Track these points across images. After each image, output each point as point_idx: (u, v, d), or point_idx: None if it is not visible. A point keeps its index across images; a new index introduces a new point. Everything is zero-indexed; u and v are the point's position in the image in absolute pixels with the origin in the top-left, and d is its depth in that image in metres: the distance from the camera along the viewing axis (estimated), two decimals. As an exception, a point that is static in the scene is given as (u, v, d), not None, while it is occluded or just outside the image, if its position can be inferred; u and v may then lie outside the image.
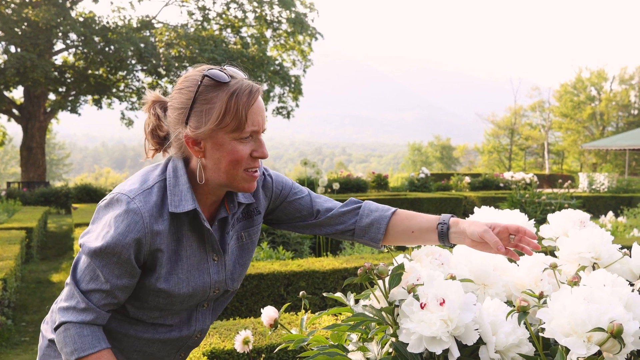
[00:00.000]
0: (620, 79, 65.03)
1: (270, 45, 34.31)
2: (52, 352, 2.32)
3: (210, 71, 2.09)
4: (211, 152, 2.12)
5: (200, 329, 2.40)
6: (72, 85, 30.55)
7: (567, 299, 1.59)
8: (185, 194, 2.14)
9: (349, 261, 7.39)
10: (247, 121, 2.08)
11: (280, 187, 2.47)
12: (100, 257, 2.06)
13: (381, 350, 1.97)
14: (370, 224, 2.42)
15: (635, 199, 23.75)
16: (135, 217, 2.05)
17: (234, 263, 2.36)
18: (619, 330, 1.47)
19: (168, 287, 2.17)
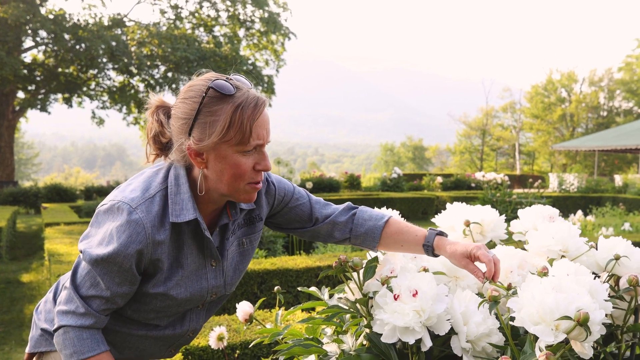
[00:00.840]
0: (590, 81, 65.52)
1: (243, 45, 34.22)
2: (44, 341, 2.34)
3: (215, 82, 2.06)
4: (214, 163, 2.10)
5: (194, 328, 2.41)
6: (41, 83, 30.21)
7: (536, 288, 1.64)
8: (186, 203, 2.13)
9: (322, 259, 7.41)
10: (252, 135, 2.04)
11: (282, 194, 2.47)
12: (102, 265, 2.06)
13: (355, 342, 2.00)
14: (365, 233, 2.41)
15: (604, 198, 23.98)
16: (137, 228, 2.04)
17: (234, 269, 2.37)
18: (586, 319, 1.52)
19: (167, 292, 2.18)
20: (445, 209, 2.46)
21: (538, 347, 1.59)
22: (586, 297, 1.61)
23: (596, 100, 64.10)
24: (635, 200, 22.13)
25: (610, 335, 1.98)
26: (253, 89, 2.13)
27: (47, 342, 2.32)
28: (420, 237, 2.27)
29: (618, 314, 1.99)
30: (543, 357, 1.48)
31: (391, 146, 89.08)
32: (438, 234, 2.23)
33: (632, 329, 1.92)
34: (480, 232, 2.37)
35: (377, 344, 1.83)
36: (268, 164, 2.13)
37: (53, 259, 7.55)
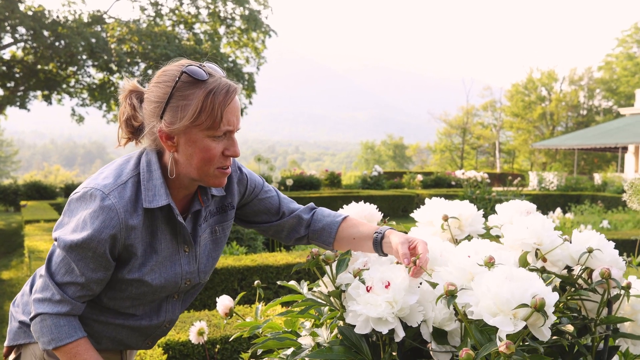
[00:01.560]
0: (570, 80, 65.81)
1: (224, 42, 34.09)
2: (23, 333, 2.35)
3: (188, 67, 2.11)
4: (184, 147, 2.13)
5: (170, 319, 2.43)
6: (20, 80, 29.97)
7: (489, 280, 1.66)
8: (159, 189, 2.17)
9: (302, 256, 7.43)
10: (222, 120, 2.09)
11: (253, 185, 2.50)
12: (76, 251, 2.08)
13: (330, 335, 2.02)
14: (322, 228, 2.48)
15: (583, 196, 24.14)
16: (110, 213, 2.07)
17: (207, 256, 2.40)
18: (542, 304, 1.54)
19: (141, 278, 2.21)
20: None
21: (498, 337, 1.61)
22: (539, 282, 1.65)
23: (576, 99, 64.39)
24: (614, 198, 22.29)
25: (584, 328, 2.01)
26: (225, 77, 2.18)
27: (26, 335, 2.34)
28: (372, 229, 2.31)
29: (591, 307, 2.02)
30: (504, 346, 1.50)
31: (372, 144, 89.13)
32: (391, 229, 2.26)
33: (605, 321, 1.94)
34: (459, 227, 2.39)
35: (348, 337, 1.85)
36: (237, 150, 2.18)
37: (33, 255, 7.54)
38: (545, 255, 2.04)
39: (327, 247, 2.48)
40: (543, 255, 2.04)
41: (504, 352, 1.49)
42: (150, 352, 3.98)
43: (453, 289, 1.68)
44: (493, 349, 1.58)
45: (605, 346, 1.99)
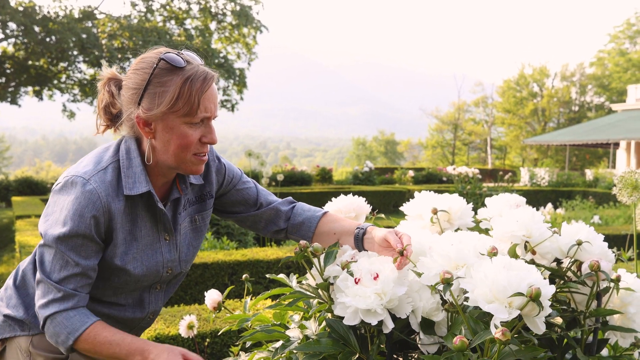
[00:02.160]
0: (562, 76, 65.91)
1: (215, 38, 34.02)
2: (8, 327, 2.35)
3: (167, 54, 2.12)
4: (161, 134, 2.16)
5: (153, 310, 2.45)
6: (11, 76, 29.90)
7: (488, 268, 1.67)
8: (138, 175, 2.18)
9: (292, 251, 7.42)
10: (200, 107, 2.11)
11: (231, 175, 2.53)
12: (66, 241, 2.08)
13: (318, 327, 2.02)
14: (302, 222, 2.50)
15: (574, 192, 24.22)
16: (92, 197, 2.09)
17: (187, 245, 2.43)
18: (538, 294, 1.55)
19: (123, 266, 2.22)
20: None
21: (493, 324, 1.61)
22: (537, 273, 1.66)
23: (568, 95, 64.51)
24: (605, 194, 22.35)
25: (573, 321, 2.00)
26: (203, 64, 2.21)
27: (11, 328, 2.33)
28: (354, 225, 2.33)
29: (580, 299, 2.02)
30: (499, 333, 1.49)
31: (363, 140, 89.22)
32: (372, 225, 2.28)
33: (594, 313, 1.94)
34: (448, 220, 2.39)
35: (335, 329, 1.85)
36: (214, 137, 2.22)
37: (24, 250, 7.52)
38: (534, 248, 2.04)
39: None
40: (532, 248, 2.04)
41: (499, 338, 1.49)
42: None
43: (449, 277, 1.67)
44: (488, 336, 1.58)
45: (594, 339, 1.99)
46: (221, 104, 33.57)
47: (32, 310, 2.30)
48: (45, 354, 2.29)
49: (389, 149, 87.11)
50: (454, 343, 1.55)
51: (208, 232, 9.45)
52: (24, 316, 2.32)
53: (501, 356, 1.61)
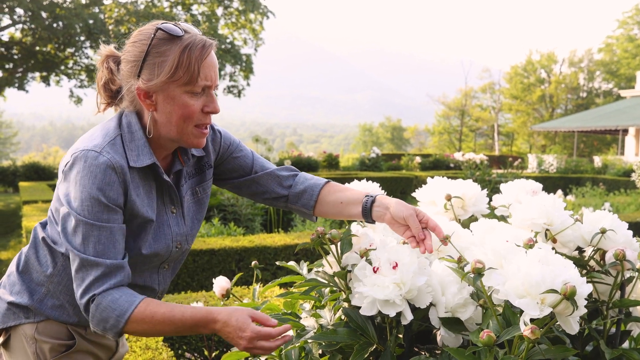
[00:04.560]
0: (570, 62, 65.69)
1: (222, 24, 33.97)
2: (12, 315, 2.31)
3: (164, 24, 2.11)
4: (163, 105, 2.12)
5: (163, 289, 2.42)
6: (19, 61, 29.96)
7: (521, 261, 1.59)
8: (142, 148, 2.15)
9: (300, 237, 7.38)
10: (200, 75, 2.07)
11: (228, 143, 2.50)
12: (88, 212, 2.03)
13: (334, 317, 1.96)
14: (304, 190, 2.45)
15: (583, 179, 24.13)
16: (107, 165, 2.04)
17: (191, 218, 2.39)
18: (573, 292, 1.48)
19: (134, 242, 2.18)
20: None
21: (523, 321, 1.54)
22: (573, 270, 1.58)
23: (576, 81, 64.31)
24: (615, 181, 22.27)
25: (596, 311, 1.94)
26: (201, 34, 2.18)
27: (15, 316, 2.29)
28: (361, 194, 2.28)
29: (604, 289, 1.96)
30: (528, 331, 1.43)
31: (370, 126, 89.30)
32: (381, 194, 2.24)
33: (618, 304, 1.88)
34: (462, 207, 2.34)
35: (354, 319, 1.79)
36: (216, 106, 2.18)
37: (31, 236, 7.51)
38: (555, 236, 1.99)
39: (307, 212, 2.45)
40: (553, 236, 1.99)
41: (528, 336, 1.42)
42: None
43: (480, 267, 1.60)
44: (516, 332, 1.51)
45: (617, 330, 1.94)
46: (228, 90, 33.58)
47: (37, 296, 2.27)
48: (51, 340, 2.26)
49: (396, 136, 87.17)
50: (480, 337, 1.48)
51: (215, 218, 9.43)
52: (28, 302, 2.27)
53: (529, 355, 1.54)
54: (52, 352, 2.26)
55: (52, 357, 2.26)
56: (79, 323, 2.28)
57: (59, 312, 2.26)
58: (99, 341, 2.39)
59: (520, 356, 1.52)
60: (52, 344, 2.26)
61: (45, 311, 2.24)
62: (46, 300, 2.26)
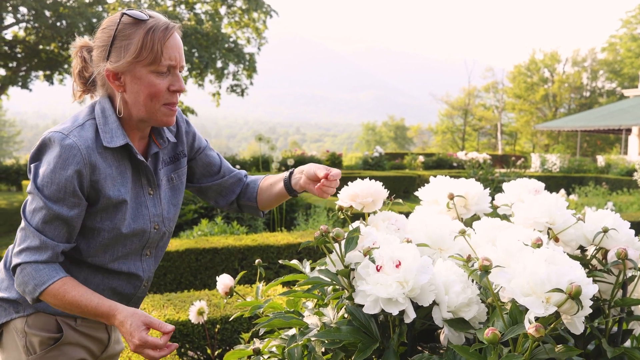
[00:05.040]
0: (573, 61, 65.65)
1: (225, 22, 33.99)
2: (3, 311, 2.42)
3: (128, 10, 2.26)
4: (130, 85, 2.26)
5: (147, 277, 2.54)
6: (22, 60, 30.00)
7: (528, 260, 1.60)
8: (115, 130, 2.28)
9: (303, 236, 7.40)
10: (163, 55, 2.22)
11: (199, 142, 2.67)
12: (48, 194, 2.17)
13: (337, 315, 1.97)
14: (248, 184, 2.74)
15: (586, 178, 24.11)
16: (72, 150, 2.16)
17: (168, 203, 2.52)
18: (578, 292, 1.48)
19: (111, 222, 2.31)
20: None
21: (527, 319, 1.55)
22: (579, 270, 1.58)
23: (579, 80, 64.25)
24: (618, 181, 22.25)
25: (597, 310, 1.95)
26: (167, 19, 2.33)
27: (6, 312, 2.41)
28: (287, 173, 2.59)
29: (605, 288, 1.96)
30: (533, 329, 1.43)
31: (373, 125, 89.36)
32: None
33: (620, 303, 1.88)
34: (465, 206, 2.34)
35: (357, 317, 1.80)
36: (182, 85, 2.31)
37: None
38: (557, 235, 1.99)
39: (253, 205, 2.73)
40: (555, 235, 1.99)
41: (532, 334, 1.43)
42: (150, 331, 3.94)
43: (488, 264, 1.61)
44: (521, 330, 1.52)
45: (619, 329, 1.93)
46: (231, 89, 33.60)
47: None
48: (40, 333, 2.36)
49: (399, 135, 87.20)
50: (485, 335, 1.49)
51: (218, 217, 9.44)
52: (16, 296, 2.37)
53: (533, 354, 1.55)
54: (41, 346, 2.36)
55: (42, 349, 2.36)
56: (68, 313, 2.35)
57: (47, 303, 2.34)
58: (90, 333, 2.48)
59: (524, 354, 1.53)
60: (41, 337, 2.36)
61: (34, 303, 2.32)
62: None
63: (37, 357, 2.36)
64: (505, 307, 1.69)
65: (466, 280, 1.78)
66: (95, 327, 2.49)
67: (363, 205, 2.28)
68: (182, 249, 6.74)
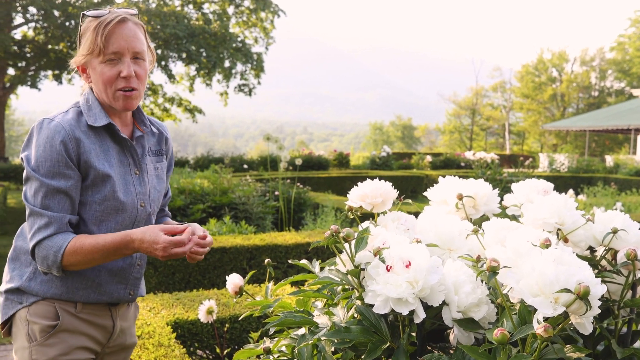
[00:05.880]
0: (581, 61, 65.52)
1: (233, 22, 34.04)
2: (10, 303, 2.57)
3: (89, 11, 2.51)
4: (92, 76, 2.53)
5: (140, 256, 2.71)
6: (32, 60, 30.11)
7: (536, 260, 1.60)
8: (98, 113, 2.51)
9: (311, 236, 7.40)
10: (108, 46, 2.45)
11: (170, 162, 2.92)
12: (41, 168, 2.38)
13: (346, 314, 1.97)
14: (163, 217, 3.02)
15: (594, 178, 24.06)
16: (57, 127, 2.41)
17: (153, 188, 2.72)
18: (586, 292, 1.48)
19: (101, 194, 2.49)
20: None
21: (536, 319, 1.55)
22: (587, 270, 1.58)
23: (587, 80, 64.12)
24: (627, 181, 22.20)
25: (607, 311, 1.95)
26: (133, 16, 2.57)
27: (13, 305, 2.56)
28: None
29: (615, 289, 1.96)
30: (542, 329, 1.44)
31: (380, 125, 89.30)
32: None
33: (629, 304, 1.88)
34: (473, 206, 2.34)
35: (367, 317, 1.80)
36: (130, 71, 2.49)
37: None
38: (567, 236, 1.99)
39: None
40: (565, 236, 1.99)
41: (541, 334, 1.43)
42: (159, 330, 3.97)
43: (496, 265, 1.61)
44: (530, 331, 1.52)
45: (628, 330, 1.93)
46: (239, 88, 33.62)
47: (26, 276, 2.53)
48: (39, 320, 2.49)
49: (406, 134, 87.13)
50: (494, 335, 1.49)
51: (226, 216, 9.44)
52: (18, 283, 2.53)
53: (542, 354, 1.55)
54: (41, 333, 2.48)
55: (41, 337, 2.48)
56: (68, 296, 2.51)
57: (48, 286, 2.50)
58: (93, 320, 2.59)
59: (533, 355, 1.53)
60: (40, 325, 2.48)
61: (34, 288, 2.50)
62: (35, 278, 2.51)
63: (37, 344, 2.47)
64: (514, 308, 1.70)
65: (476, 281, 1.78)
66: (98, 314, 2.61)
67: (373, 206, 2.28)
68: (191, 249, 6.74)
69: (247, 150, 52.71)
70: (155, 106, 35.09)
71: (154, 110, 34.99)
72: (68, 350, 2.49)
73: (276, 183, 13.45)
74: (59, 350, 2.47)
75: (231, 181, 12.59)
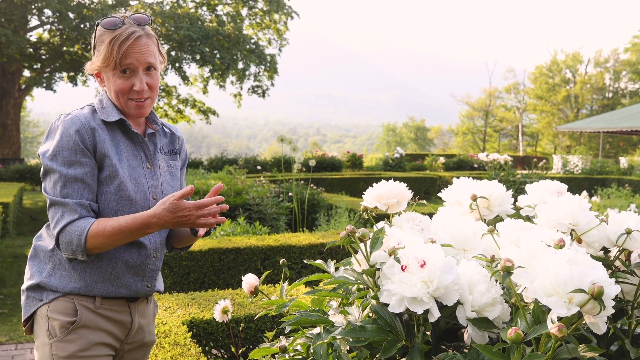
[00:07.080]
0: (596, 62, 65.23)
1: (246, 24, 34.05)
2: (31, 301, 2.63)
3: (103, 20, 2.59)
4: (106, 82, 2.64)
5: (154, 247, 2.75)
6: (47, 61, 30.22)
7: (551, 260, 1.61)
8: (111, 110, 2.62)
9: (325, 236, 7.41)
10: (122, 61, 2.54)
11: (184, 160, 3.01)
12: (58, 157, 2.48)
13: (362, 313, 1.99)
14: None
15: (608, 180, 23.95)
16: (73, 119, 2.52)
17: (166, 182, 2.79)
18: (600, 292, 1.49)
19: (114, 185, 2.56)
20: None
21: (550, 319, 1.56)
22: (602, 271, 1.59)
23: (601, 81, 63.81)
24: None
25: (621, 311, 1.95)
26: (146, 25, 2.67)
27: (34, 302, 2.62)
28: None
29: (629, 289, 1.96)
30: (555, 328, 1.45)
31: (393, 126, 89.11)
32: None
33: (643, 304, 1.89)
34: (487, 207, 2.35)
35: (382, 316, 1.82)
36: (142, 85, 2.60)
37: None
38: (580, 237, 2.00)
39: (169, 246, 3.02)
40: (578, 236, 1.99)
41: (555, 334, 1.44)
42: (175, 329, 3.99)
43: (510, 265, 1.63)
44: (544, 330, 1.53)
45: (642, 330, 1.94)
46: (252, 90, 33.63)
47: (45, 272, 2.60)
48: (59, 317, 2.54)
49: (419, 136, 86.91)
50: (508, 335, 1.51)
51: (240, 217, 9.47)
52: (38, 279, 2.60)
53: (556, 353, 1.56)
54: (61, 329, 2.53)
55: (61, 333, 2.53)
56: (87, 290, 2.56)
57: (67, 281, 2.56)
58: (112, 316, 2.64)
59: (547, 354, 1.55)
60: (60, 321, 2.53)
61: (54, 284, 2.56)
62: (54, 273, 2.58)
63: (57, 340, 2.52)
64: (528, 307, 1.71)
65: (490, 281, 1.79)
66: (117, 310, 2.65)
67: (388, 206, 2.30)
68: (206, 249, 6.78)
69: (260, 152, 52.73)
70: (169, 107, 35.17)
71: (168, 111, 35.07)
72: (87, 346, 2.53)
73: (290, 184, 13.46)
74: (79, 346, 2.51)
75: (245, 182, 12.63)
